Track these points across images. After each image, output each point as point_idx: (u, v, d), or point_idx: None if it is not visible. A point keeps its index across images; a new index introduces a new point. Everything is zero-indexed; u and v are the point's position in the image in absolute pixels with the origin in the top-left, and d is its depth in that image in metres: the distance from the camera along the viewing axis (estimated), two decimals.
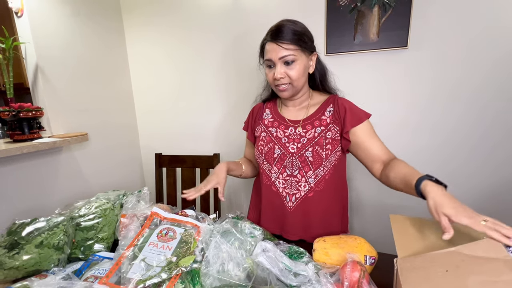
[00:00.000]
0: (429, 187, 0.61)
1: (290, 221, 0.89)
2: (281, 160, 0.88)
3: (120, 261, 0.62)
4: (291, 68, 0.80)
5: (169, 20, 1.65)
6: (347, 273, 0.56)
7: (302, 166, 0.85)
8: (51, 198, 1.37)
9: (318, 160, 0.84)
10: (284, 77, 0.81)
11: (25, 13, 1.29)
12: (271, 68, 0.83)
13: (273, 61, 0.81)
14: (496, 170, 1.23)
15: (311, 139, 0.86)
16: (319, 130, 0.86)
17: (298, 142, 0.87)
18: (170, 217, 0.76)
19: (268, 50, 0.81)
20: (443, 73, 1.22)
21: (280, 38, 0.78)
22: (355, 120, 0.84)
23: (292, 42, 0.78)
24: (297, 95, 0.89)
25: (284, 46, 0.78)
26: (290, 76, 0.81)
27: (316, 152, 0.84)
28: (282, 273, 0.59)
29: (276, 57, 0.79)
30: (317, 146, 0.84)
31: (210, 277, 0.57)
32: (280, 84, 0.83)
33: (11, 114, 1.17)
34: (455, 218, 0.52)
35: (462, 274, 0.43)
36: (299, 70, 0.81)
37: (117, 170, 1.78)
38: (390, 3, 1.20)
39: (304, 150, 0.85)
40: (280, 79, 0.81)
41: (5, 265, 0.61)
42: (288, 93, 0.85)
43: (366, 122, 0.86)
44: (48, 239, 0.66)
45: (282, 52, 0.78)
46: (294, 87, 0.84)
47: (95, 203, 0.87)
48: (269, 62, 0.83)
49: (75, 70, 1.50)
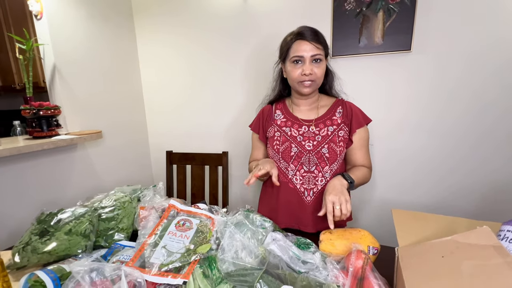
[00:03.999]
0: (332, 179, 0.83)
1: (308, 214, 0.94)
2: (298, 157, 0.94)
3: (143, 247, 0.67)
4: (318, 66, 0.88)
5: (179, 21, 1.70)
6: (352, 261, 0.61)
7: (319, 162, 0.92)
8: (67, 192, 1.43)
9: (333, 156, 0.92)
10: (312, 73, 0.88)
11: (44, 16, 1.35)
12: (298, 64, 0.89)
13: (305, 57, 0.87)
14: (495, 170, 1.27)
15: (325, 136, 0.93)
16: (331, 129, 0.94)
17: (314, 140, 0.93)
18: (186, 209, 0.81)
19: (298, 48, 0.88)
20: (445, 76, 1.26)
21: (313, 38, 0.86)
22: (358, 124, 0.93)
23: (321, 44, 0.87)
24: (312, 93, 0.96)
25: (316, 46, 0.86)
26: (316, 73, 0.88)
27: (332, 148, 0.92)
28: (291, 261, 0.64)
29: (308, 54, 0.86)
30: (332, 143, 0.92)
31: (226, 263, 0.63)
32: (305, 80, 0.89)
33: (31, 112, 1.24)
34: (324, 194, 0.78)
35: (456, 259, 0.47)
36: (323, 70, 0.90)
37: (128, 167, 1.84)
38: (395, 8, 1.25)
39: (320, 147, 0.92)
40: (309, 75, 0.88)
41: (38, 249, 0.67)
42: (310, 89, 0.92)
43: (364, 128, 0.95)
44: (75, 227, 0.72)
45: (314, 51, 0.86)
46: (316, 85, 0.92)
47: (113, 196, 0.93)
48: (298, 58, 0.88)
49: (89, 70, 1.56)
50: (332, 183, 0.81)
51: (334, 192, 0.76)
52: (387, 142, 1.42)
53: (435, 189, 1.38)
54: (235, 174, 1.79)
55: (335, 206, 0.74)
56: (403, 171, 1.42)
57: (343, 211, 0.74)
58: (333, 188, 0.78)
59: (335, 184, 0.79)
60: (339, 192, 0.76)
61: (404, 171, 1.42)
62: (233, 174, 1.79)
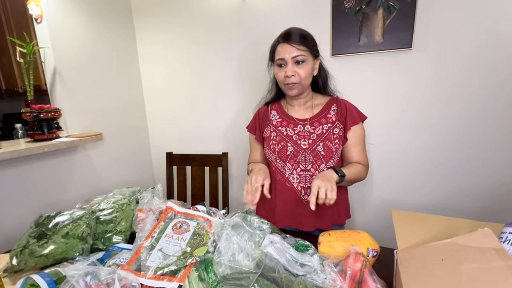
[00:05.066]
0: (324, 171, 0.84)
1: (306, 213, 0.94)
2: (294, 156, 0.94)
3: (139, 250, 0.67)
4: (301, 68, 0.88)
5: (177, 22, 1.71)
6: (350, 264, 0.60)
7: (315, 160, 0.92)
8: (68, 194, 1.44)
9: (329, 154, 0.92)
10: (294, 75, 0.88)
11: (44, 20, 1.36)
12: (282, 67, 0.90)
13: (286, 60, 0.87)
14: (495, 170, 1.25)
15: (320, 135, 0.93)
16: (326, 127, 0.94)
17: (309, 139, 0.93)
18: (183, 211, 0.81)
19: (281, 50, 0.88)
20: (446, 73, 1.24)
21: (293, 40, 0.86)
22: (352, 121, 0.93)
23: (303, 44, 0.86)
24: (302, 94, 0.96)
25: (296, 47, 0.86)
26: (300, 75, 0.88)
27: (327, 146, 0.92)
28: (289, 263, 0.63)
29: (289, 56, 0.86)
30: (327, 141, 0.92)
31: (222, 266, 0.62)
32: (289, 82, 0.89)
33: (32, 115, 1.25)
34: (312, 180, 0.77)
35: (456, 262, 0.46)
36: (307, 70, 0.89)
37: (129, 168, 1.85)
38: (395, 5, 1.23)
39: (315, 145, 0.92)
40: (291, 77, 0.88)
41: (35, 253, 0.67)
42: (296, 91, 0.92)
43: (360, 125, 0.95)
44: (73, 230, 0.72)
45: (294, 52, 0.86)
46: (302, 86, 0.91)
47: (112, 198, 0.92)
48: (281, 61, 0.89)
49: (89, 72, 1.57)
50: (322, 173, 0.82)
51: (322, 179, 0.76)
52: (387, 141, 1.40)
53: (436, 189, 1.36)
54: (235, 175, 1.78)
55: (320, 189, 0.74)
56: (404, 171, 1.40)
57: (328, 196, 0.73)
58: (321, 176, 0.78)
59: (325, 174, 0.80)
60: (327, 180, 0.76)
61: (405, 171, 1.40)
62: (233, 175, 1.78)
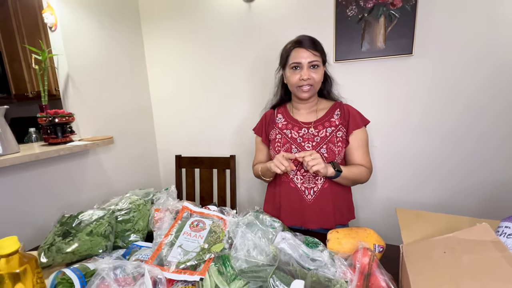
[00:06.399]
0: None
1: (310, 212, 0.98)
2: None
3: (160, 247, 0.71)
4: (316, 72, 0.94)
5: (184, 28, 1.76)
6: (358, 258, 0.64)
7: None
8: (82, 195, 1.49)
9: (332, 156, 0.96)
10: (310, 78, 0.93)
11: (59, 28, 1.42)
12: (296, 70, 0.95)
13: (302, 64, 0.93)
14: (494, 171, 1.29)
15: (323, 137, 0.98)
16: (329, 130, 0.98)
17: (312, 141, 0.98)
18: (199, 211, 0.85)
19: (296, 55, 0.94)
20: (446, 77, 1.29)
21: (311, 46, 0.92)
22: (355, 125, 0.97)
23: (319, 51, 0.93)
24: (311, 97, 1.01)
25: (313, 53, 0.92)
26: (314, 78, 0.94)
27: (330, 149, 0.96)
28: (301, 258, 0.68)
29: (306, 61, 0.92)
30: (330, 144, 0.97)
31: (239, 260, 0.66)
32: (304, 85, 0.95)
33: (48, 119, 1.29)
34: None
35: (457, 254, 0.51)
36: (321, 75, 0.95)
37: (138, 171, 1.89)
38: (396, 13, 1.28)
39: (319, 148, 0.97)
40: (307, 80, 0.93)
41: (62, 250, 0.72)
42: (309, 94, 0.97)
43: (362, 129, 0.99)
44: (96, 229, 0.77)
45: (311, 57, 0.92)
46: (315, 89, 0.97)
47: (128, 199, 0.97)
48: (296, 65, 0.94)
49: (100, 78, 1.62)
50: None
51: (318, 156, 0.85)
52: (390, 144, 1.45)
53: (437, 189, 1.40)
54: (242, 177, 1.82)
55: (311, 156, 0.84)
56: (406, 172, 1.45)
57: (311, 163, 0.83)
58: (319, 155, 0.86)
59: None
60: (321, 158, 0.85)
61: (407, 172, 1.44)
62: (240, 177, 1.83)
